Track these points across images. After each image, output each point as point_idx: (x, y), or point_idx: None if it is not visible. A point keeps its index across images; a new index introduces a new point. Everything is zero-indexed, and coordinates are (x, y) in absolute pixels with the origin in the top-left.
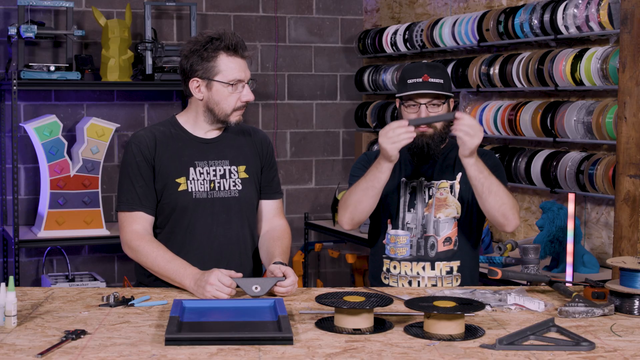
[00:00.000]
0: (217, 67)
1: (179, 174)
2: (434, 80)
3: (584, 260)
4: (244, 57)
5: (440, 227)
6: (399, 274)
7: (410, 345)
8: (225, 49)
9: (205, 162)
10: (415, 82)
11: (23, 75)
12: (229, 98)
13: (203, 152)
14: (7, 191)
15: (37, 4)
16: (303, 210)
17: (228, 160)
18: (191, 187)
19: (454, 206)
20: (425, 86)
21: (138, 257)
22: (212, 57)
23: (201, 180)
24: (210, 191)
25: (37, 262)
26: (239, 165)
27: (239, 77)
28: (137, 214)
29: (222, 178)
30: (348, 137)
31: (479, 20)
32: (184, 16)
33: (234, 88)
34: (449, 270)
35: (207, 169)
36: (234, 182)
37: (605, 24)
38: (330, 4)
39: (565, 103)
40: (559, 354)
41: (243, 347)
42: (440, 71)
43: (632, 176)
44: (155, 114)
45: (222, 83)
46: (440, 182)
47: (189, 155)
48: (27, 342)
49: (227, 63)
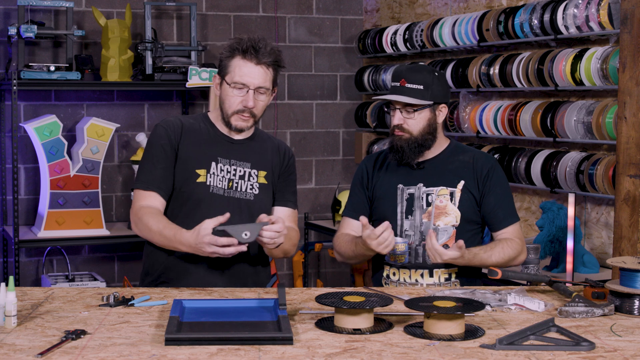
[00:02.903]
0: (229, 67)
1: (200, 165)
2: (411, 85)
3: (584, 260)
4: (260, 64)
5: (439, 235)
6: (398, 281)
7: (410, 345)
8: (240, 51)
9: (227, 160)
10: (394, 85)
11: (23, 75)
12: (231, 99)
13: (227, 150)
14: (7, 191)
15: (37, 4)
16: (303, 210)
17: (250, 162)
18: (210, 181)
19: (454, 214)
20: (400, 91)
21: (141, 228)
22: (230, 56)
23: (220, 177)
24: (227, 189)
25: (37, 262)
26: (260, 170)
27: (243, 81)
28: (151, 194)
29: (241, 179)
30: (348, 137)
31: (479, 20)
32: (184, 16)
33: (237, 91)
34: (447, 277)
35: (229, 167)
36: (251, 185)
37: (605, 24)
38: (330, 4)
39: (565, 103)
40: (559, 354)
41: (243, 347)
42: (422, 76)
43: (632, 176)
44: (155, 114)
45: (227, 83)
46: (439, 188)
47: (213, 150)
48: (27, 342)
49: (238, 65)
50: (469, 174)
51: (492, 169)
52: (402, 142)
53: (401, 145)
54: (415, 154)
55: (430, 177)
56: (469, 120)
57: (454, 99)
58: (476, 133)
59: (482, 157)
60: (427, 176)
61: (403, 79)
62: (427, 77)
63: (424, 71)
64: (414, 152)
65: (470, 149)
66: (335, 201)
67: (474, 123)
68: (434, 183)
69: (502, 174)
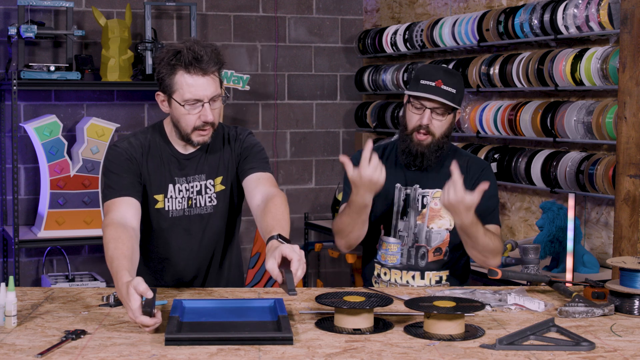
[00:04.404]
0: (175, 84)
1: (158, 190)
2: (447, 88)
3: (584, 260)
4: (206, 74)
5: (433, 238)
6: (389, 281)
7: (410, 345)
8: (182, 66)
9: (184, 178)
10: (428, 84)
11: (23, 75)
12: (187, 118)
13: (183, 168)
14: (7, 191)
15: (37, 4)
16: (303, 210)
17: (205, 174)
18: (168, 206)
19: (448, 218)
20: (437, 92)
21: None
22: (171, 73)
23: (180, 199)
24: (187, 208)
25: (37, 262)
26: (216, 177)
27: (196, 96)
28: (122, 199)
29: (198, 194)
30: (348, 137)
31: (479, 20)
32: (184, 16)
33: (191, 107)
34: (438, 280)
35: (186, 186)
36: (209, 198)
37: (605, 24)
38: (330, 4)
39: (565, 103)
40: (559, 354)
41: (243, 347)
42: (456, 81)
43: (632, 176)
44: (155, 114)
45: (177, 102)
46: (435, 191)
47: (170, 171)
48: (27, 342)
49: (184, 81)
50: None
51: (483, 173)
52: (423, 147)
53: (422, 152)
54: (434, 159)
55: (426, 179)
56: (469, 120)
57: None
58: (476, 133)
59: (476, 162)
60: (424, 178)
61: (440, 80)
62: (459, 82)
63: (457, 76)
64: (433, 155)
65: (466, 153)
66: (335, 201)
67: (474, 123)
68: (430, 185)
69: (493, 179)
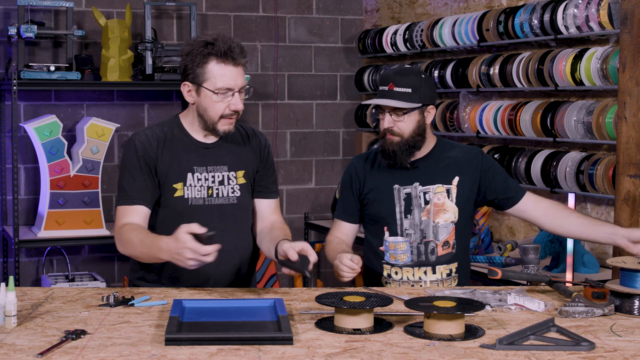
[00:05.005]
0: (207, 73)
1: (177, 179)
2: (400, 89)
3: (584, 260)
4: (237, 65)
5: (440, 232)
6: (401, 279)
7: (410, 345)
8: (217, 55)
9: (204, 167)
10: (382, 89)
11: (23, 75)
12: (216, 105)
13: (202, 157)
14: (7, 191)
15: (37, 4)
16: (303, 210)
17: (227, 165)
18: (187, 194)
19: (452, 211)
20: (388, 95)
21: (124, 245)
22: (203, 62)
23: (199, 187)
24: (207, 197)
25: (37, 262)
26: (238, 171)
27: (228, 85)
28: (134, 207)
29: (220, 184)
30: (348, 137)
31: (479, 20)
32: (184, 16)
33: (222, 96)
34: (449, 273)
35: (206, 175)
36: (232, 189)
37: (605, 24)
38: (330, 4)
39: (565, 103)
40: (559, 354)
41: (243, 347)
42: (410, 79)
43: (632, 176)
44: (155, 114)
45: (210, 90)
46: (435, 186)
47: (188, 160)
48: (27, 342)
49: (217, 70)
50: (465, 168)
51: (484, 157)
52: (394, 146)
53: (393, 150)
54: (406, 156)
55: (425, 176)
56: (469, 120)
57: (454, 99)
58: (476, 133)
59: (471, 150)
60: (422, 175)
61: (391, 82)
62: (415, 80)
63: (411, 74)
64: (405, 154)
65: (455, 144)
66: (335, 201)
67: (474, 123)
68: (430, 181)
69: (491, 160)
